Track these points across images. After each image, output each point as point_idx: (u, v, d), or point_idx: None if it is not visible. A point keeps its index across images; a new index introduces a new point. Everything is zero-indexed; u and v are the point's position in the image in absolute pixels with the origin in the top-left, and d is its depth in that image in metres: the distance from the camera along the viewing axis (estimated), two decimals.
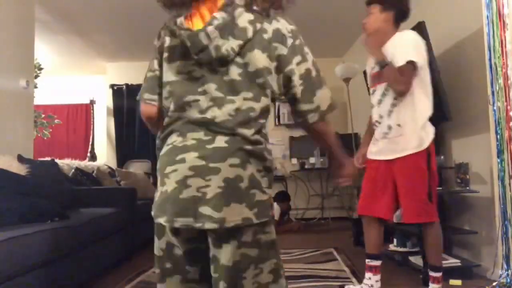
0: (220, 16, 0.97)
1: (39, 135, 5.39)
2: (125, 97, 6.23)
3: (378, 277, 2.32)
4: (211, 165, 0.96)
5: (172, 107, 1.03)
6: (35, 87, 4.18)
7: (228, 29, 0.97)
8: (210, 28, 0.96)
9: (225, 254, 0.96)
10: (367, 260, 2.34)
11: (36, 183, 2.64)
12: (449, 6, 3.14)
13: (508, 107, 2.20)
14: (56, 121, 5.76)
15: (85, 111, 6.91)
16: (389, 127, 2.19)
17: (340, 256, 3.44)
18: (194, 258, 1.03)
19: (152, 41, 1.13)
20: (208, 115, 0.99)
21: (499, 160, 2.28)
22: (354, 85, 5.17)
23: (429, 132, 2.15)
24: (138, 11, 4.44)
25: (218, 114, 0.98)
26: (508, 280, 2.21)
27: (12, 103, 3.38)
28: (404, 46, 2.13)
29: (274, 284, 0.99)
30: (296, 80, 1.03)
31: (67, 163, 4.19)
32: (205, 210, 0.94)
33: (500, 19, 2.23)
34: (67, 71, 6.74)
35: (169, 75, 1.04)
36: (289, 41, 1.03)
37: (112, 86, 6.31)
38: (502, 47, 2.22)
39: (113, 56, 6.13)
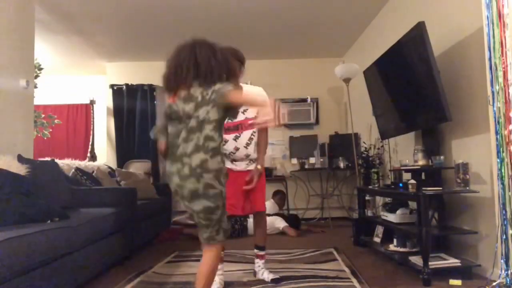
0: (184, 93, 1.80)
1: (39, 135, 5.39)
2: (125, 97, 6.23)
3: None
4: (183, 183, 1.77)
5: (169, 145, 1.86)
6: (35, 87, 4.18)
7: (188, 99, 1.79)
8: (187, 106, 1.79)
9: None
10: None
11: (36, 183, 2.64)
12: (449, 6, 3.14)
13: (508, 107, 2.20)
14: (56, 121, 5.76)
15: (85, 111, 6.91)
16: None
17: (340, 256, 3.44)
18: None
19: (152, 42, 1.18)
20: (182, 150, 1.76)
21: (499, 160, 2.28)
22: (354, 85, 5.17)
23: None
24: (138, 12, 4.44)
25: (186, 147, 1.76)
26: (508, 280, 2.21)
27: (12, 103, 3.38)
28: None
29: (224, 223, 1.84)
30: None
31: (67, 163, 4.19)
32: (184, 202, 1.82)
33: (500, 19, 2.23)
34: (67, 71, 6.75)
35: (170, 129, 1.84)
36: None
37: (112, 86, 6.31)
38: (502, 47, 2.22)
39: (113, 56, 6.13)
